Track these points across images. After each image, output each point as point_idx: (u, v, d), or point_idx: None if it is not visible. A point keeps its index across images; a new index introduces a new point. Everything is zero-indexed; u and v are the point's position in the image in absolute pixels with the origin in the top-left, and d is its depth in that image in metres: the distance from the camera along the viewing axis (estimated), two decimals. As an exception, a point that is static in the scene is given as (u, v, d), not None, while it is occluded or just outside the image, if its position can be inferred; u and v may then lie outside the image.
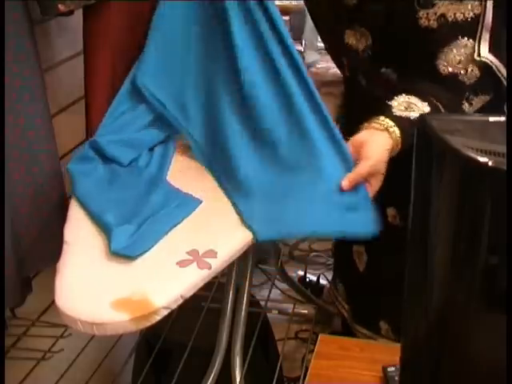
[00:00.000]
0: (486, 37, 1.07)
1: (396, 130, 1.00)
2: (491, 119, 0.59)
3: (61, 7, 1.08)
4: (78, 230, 1.02)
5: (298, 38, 1.65)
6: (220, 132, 1.13)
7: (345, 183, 0.98)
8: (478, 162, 0.51)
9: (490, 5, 1.06)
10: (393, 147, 1.00)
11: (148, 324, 0.85)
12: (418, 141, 0.60)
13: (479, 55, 1.06)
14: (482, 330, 0.58)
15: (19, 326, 1.25)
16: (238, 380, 1.28)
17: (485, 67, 1.08)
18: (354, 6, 1.15)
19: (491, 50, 1.07)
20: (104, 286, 0.89)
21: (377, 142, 1.01)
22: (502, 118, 0.59)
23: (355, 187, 1.00)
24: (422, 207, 0.60)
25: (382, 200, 1.26)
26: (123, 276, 0.90)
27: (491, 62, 1.07)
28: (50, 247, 1.14)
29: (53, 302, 0.89)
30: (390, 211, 1.22)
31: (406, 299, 0.73)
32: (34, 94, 1.08)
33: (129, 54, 1.33)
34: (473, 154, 0.52)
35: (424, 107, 1.04)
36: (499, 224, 0.52)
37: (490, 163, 0.51)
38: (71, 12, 1.12)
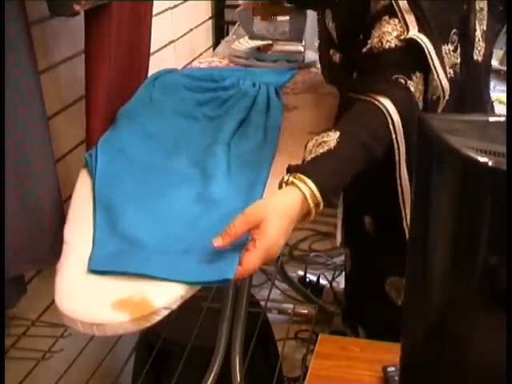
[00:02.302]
0: (410, 18, 1.01)
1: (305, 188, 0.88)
2: (491, 119, 0.59)
3: (76, 7, 1.07)
4: (78, 230, 1.02)
5: (298, 38, 1.67)
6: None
7: (217, 243, 0.86)
8: (478, 162, 0.51)
9: None
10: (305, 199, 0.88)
11: (148, 324, 0.85)
12: (418, 141, 0.60)
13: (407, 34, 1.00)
14: (482, 330, 0.58)
15: (19, 326, 1.25)
16: (237, 380, 1.28)
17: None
18: None
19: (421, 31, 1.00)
20: (104, 286, 0.89)
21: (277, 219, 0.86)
22: (502, 118, 0.59)
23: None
24: (422, 207, 0.60)
25: (359, 209, 1.27)
26: (123, 276, 0.90)
27: (422, 40, 1.00)
28: (41, 250, 1.14)
29: (53, 301, 0.89)
30: (367, 219, 1.22)
31: (406, 299, 0.73)
32: (25, 95, 1.07)
33: (130, 54, 1.34)
34: (473, 154, 0.52)
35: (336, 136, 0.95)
36: (499, 224, 0.52)
37: (490, 163, 0.51)
38: (78, 12, 1.11)
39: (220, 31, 2.30)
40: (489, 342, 0.58)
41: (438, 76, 1.01)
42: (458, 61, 1.07)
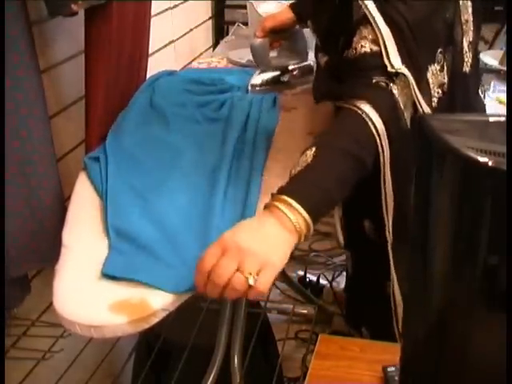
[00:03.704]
0: (390, 44, 0.97)
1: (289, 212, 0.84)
2: (491, 119, 0.59)
3: (74, 7, 1.07)
4: (77, 233, 1.02)
5: (305, 54, 1.61)
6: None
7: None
8: (478, 162, 0.51)
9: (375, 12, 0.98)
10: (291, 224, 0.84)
11: (146, 326, 0.85)
12: (418, 141, 0.60)
13: (392, 67, 0.97)
14: (482, 330, 0.58)
15: (19, 326, 1.25)
16: (237, 380, 1.28)
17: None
18: None
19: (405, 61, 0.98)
20: (102, 288, 0.89)
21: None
22: (502, 118, 0.59)
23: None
24: (422, 207, 0.60)
25: (358, 213, 1.26)
26: (121, 278, 0.90)
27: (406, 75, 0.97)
28: (46, 248, 1.14)
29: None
30: (367, 223, 1.22)
31: (406, 299, 0.73)
32: (28, 95, 1.07)
33: (129, 55, 1.34)
34: (473, 154, 0.52)
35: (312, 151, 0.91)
36: (499, 224, 0.52)
37: (490, 163, 0.51)
38: (76, 13, 1.11)
39: (220, 31, 2.30)
40: (489, 342, 0.58)
41: (421, 109, 0.99)
42: (446, 80, 1.05)
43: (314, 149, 0.90)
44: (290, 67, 1.48)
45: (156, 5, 1.59)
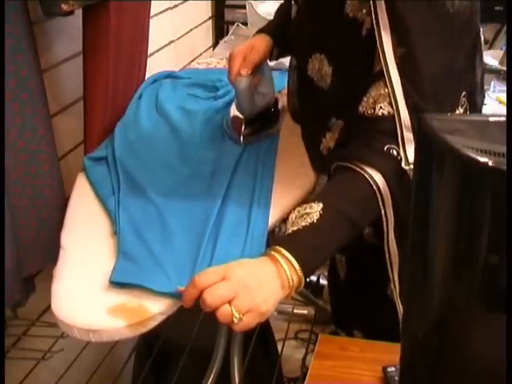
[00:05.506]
0: (409, 136, 0.92)
1: (285, 265, 0.85)
2: (491, 119, 0.59)
3: (64, 7, 1.08)
4: (75, 235, 1.02)
5: (273, 91, 1.51)
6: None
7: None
8: (478, 162, 0.51)
9: (401, 102, 0.93)
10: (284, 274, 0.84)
11: (144, 330, 0.85)
12: (418, 141, 0.60)
13: (408, 163, 0.92)
14: (482, 330, 0.58)
15: (19, 326, 1.26)
16: (237, 380, 1.28)
17: None
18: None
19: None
20: (100, 292, 0.89)
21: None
22: (502, 118, 0.59)
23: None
24: (422, 207, 0.60)
25: None
26: (125, 284, 0.89)
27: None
28: (49, 247, 1.15)
29: (53, 302, 0.89)
30: (367, 229, 1.21)
31: (406, 299, 0.73)
32: (32, 94, 1.08)
33: (128, 54, 1.34)
34: (473, 154, 0.52)
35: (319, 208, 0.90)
36: (499, 224, 0.52)
37: (490, 163, 0.51)
38: (71, 12, 1.11)
39: (220, 31, 2.30)
40: (489, 342, 0.58)
41: None
42: None
43: (321, 206, 0.90)
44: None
45: (156, 5, 1.59)
